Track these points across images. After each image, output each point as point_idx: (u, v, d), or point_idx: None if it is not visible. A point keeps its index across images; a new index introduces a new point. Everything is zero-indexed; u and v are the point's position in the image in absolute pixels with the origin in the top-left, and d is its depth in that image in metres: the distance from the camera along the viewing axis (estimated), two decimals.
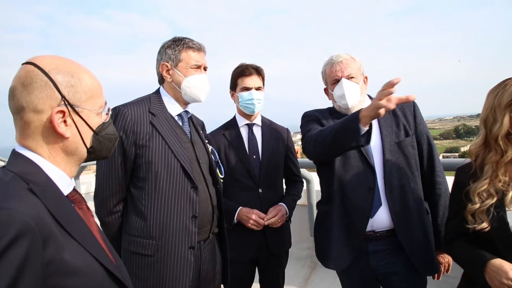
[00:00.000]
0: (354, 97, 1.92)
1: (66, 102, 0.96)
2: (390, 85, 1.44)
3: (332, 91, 1.97)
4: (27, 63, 0.96)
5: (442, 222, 1.89)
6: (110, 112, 1.11)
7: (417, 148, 1.93)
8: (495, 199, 1.42)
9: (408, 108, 1.97)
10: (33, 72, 0.93)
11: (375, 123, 1.92)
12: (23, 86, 0.93)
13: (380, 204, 1.84)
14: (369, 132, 1.61)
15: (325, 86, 2.08)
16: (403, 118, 1.95)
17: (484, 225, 1.43)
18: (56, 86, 0.95)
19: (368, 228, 1.85)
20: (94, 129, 1.04)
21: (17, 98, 0.93)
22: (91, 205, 1.77)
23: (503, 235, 1.41)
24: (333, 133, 1.71)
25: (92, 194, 3.92)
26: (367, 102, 2.01)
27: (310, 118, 2.08)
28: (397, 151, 1.89)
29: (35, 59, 0.97)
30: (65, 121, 0.96)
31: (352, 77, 1.93)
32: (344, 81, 1.91)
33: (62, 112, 0.95)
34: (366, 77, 2.03)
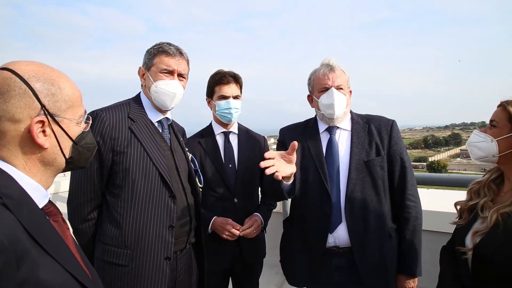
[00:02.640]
0: (341, 108, 1.92)
1: (46, 112, 0.91)
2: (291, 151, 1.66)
3: (319, 98, 1.95)
4: (3, 68, 0.90)
5: (408, 246, 1.87)
6: (90, 122, 1.07)
7: (387, 169, 1.91)
8: (477, 201, 1.47)
9: (385, 127, 1.96)
10: (10, 79, 0.88)
11: (347, 139, 1.96)
12: (0, 93, 0.87)
13: (340, 221, 1.85)
14: (294, 184, 1.80)
15: (309, 93, 2.06)
16: (378, 137, 1.94)
17: (461, 221, 1.50)
18: (36, 94, 0.90)
19: (332, 244, 1.86)
20: (74, 139, 1.00)
21: None
22: (60, 205, 1.70)
23: (460, 233, 1.47)
24: (267, 187, 1.92)
25: (61, 194, 3.77)
26: (348, 115, 2.03)
27: (278, 144, 2.13)
28: (364, 170, 1.87)
29: (13, 64, 0.91)
30: (44, 131, 0.92)
31: (341, 88, 1.93)
32: (334, 90, 1.90)
33: (42, 122, 0.91)
34: (350, 91, 2.02)
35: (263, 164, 1.58)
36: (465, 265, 1.41)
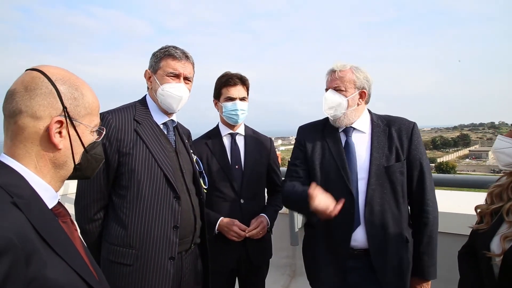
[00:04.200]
0: (331, 109, 1.91)
1: (67, 114, 0.96)
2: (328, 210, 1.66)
3: None
4: (32, 69, 0.96)
5: (425, 250, 1.87)
6: (104, 132, 1.11)
7: (406, 174, 1.89)
8: (500, 204, 1.41)
9: (406, 131, 1.92)
10: (39, 79, 0.94)
11: (367, 142, 1.93)
12: (26, 90, 0.92)
13: (359, 224, 1.85)
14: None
15: None
16: (398, 141, 1.91)
17: (483, 225, 1.44)
18: (60, 96, 0.95)
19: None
20: (86, 146, 1.03)
21: (17, 101, 0.91)
22: (68, 207, 1.73)
23: (483, 237, 1.41)
24: (292, 202, 1.99)
25: (68, 195, 3.82)
26: (364, 117, 1.99)
27: (296, 144, 2.10)
28: (384, 176, 1.86)
29: (42, 67, 0.97)
30: (60, 132, 0.96)
31: (340, 90, 1.91)
32: (327, 92, 1.92)
33: (60, 122, 0.95)
34: (364, 92, 1.96)
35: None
36: (489, 270, 1.36)
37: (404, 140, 1.91)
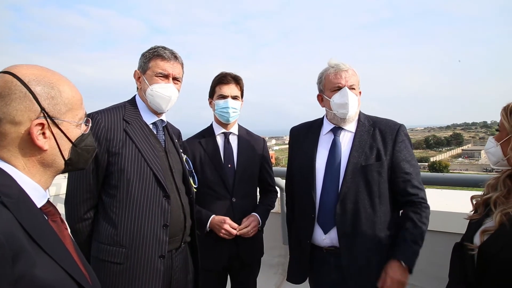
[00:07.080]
0: (354, 108, 1.92)
1: (46, 115, 0.94)
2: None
3: (330, 98, 1.94)
4: (5, 72, 0.92)
5: (406, 235, 1.79)
6: (90, 124, 1.09)
7: (388, 176, 1.86)
8: (496, 194, 1.41)
9: (390, 133, 1.91)
10: (11, 83, 0.90)
11: (349, 141, 1.95)
12: (1, 96, 0.89)
13: (334, 224, 1.85)
14: None
15: (319, 92, 2.06)
16: (381, 142, 1.90)
17: (476, 215, 1.48)
18: (36, 98, 0.92)
19: (329, 244, 1.89)
20: (73, 141, 1.02)
21: None
22: (60, 207, 1.73)
23: (473, 228, 1.45)
24: None
25: (61, 196, 3.78)
26: (356, 118, 2.02)
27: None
28: (359, 175, 1.84)
29: (13, 68, 0.94)
30: (43, 134, 0.94)
31: (353, 88, 1.93)
32: (347, 90, 1.89)
33: (41, 124, 0.93)
34: (360, 92, 2.01)
35: None
36: (472, 262, 1.40)
37: (388, 141, 1.89)
